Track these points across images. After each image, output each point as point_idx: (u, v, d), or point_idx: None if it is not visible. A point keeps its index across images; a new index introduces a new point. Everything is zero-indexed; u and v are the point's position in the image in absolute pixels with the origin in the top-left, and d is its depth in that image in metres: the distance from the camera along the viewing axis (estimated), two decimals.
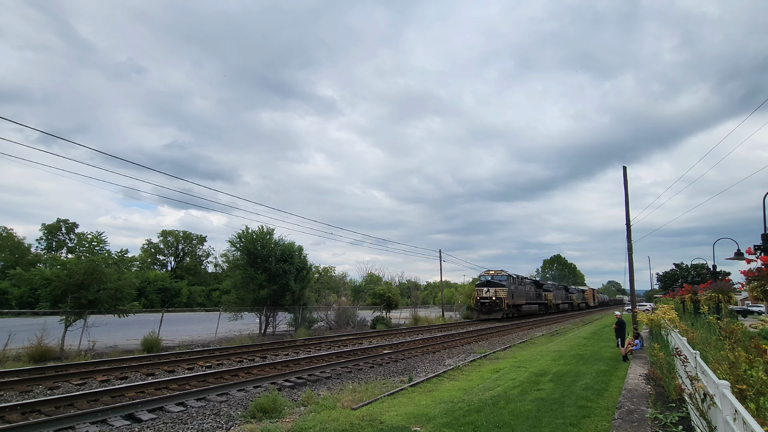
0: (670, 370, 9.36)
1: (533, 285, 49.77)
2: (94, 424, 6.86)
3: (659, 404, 7.82)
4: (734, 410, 3.52)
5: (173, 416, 7.40)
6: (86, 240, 16.80)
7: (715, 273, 23.60)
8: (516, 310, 41.10)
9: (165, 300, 59.64)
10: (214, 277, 74.70)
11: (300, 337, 21.03)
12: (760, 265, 7.76)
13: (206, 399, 8.56)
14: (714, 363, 6.11)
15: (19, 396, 8.56)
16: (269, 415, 7.36)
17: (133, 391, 8.85)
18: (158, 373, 11.11)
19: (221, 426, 7.02)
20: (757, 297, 7.99)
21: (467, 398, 8.53)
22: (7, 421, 6.78)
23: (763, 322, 18.61)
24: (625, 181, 19.44)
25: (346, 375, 11.75)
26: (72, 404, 7.81)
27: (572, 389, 9.49)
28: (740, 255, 14.77)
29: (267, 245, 23.79)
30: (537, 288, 51.35)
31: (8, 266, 48.50)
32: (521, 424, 6.73)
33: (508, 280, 39.39)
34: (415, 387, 9.95)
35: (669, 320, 12.70)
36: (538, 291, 51.04)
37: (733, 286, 16.05)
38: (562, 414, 7.36)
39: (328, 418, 6.97)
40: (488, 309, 37.03)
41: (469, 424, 6.72)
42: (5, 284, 44.08)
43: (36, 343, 13.56)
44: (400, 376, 11.75)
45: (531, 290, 47.27)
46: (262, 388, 9.54)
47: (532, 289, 48.05)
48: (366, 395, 8.85)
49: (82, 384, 9.66)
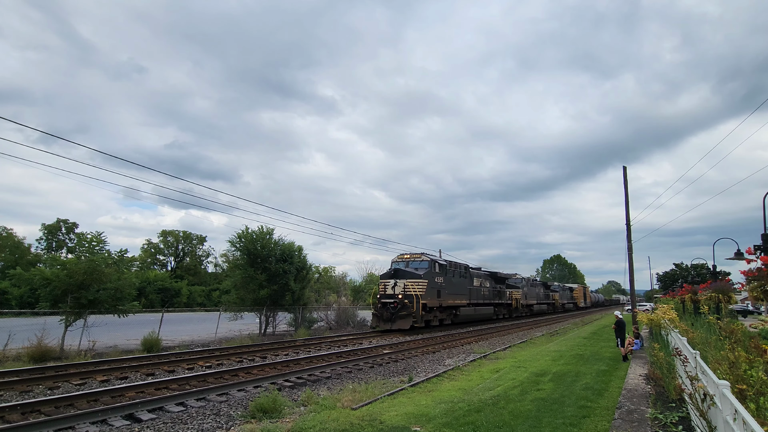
0: (670, 370, 9.37)
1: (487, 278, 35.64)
2: (94, 424, 6.86)
3: (659, 404, 7.82)
4: (734, 410, 3.52)
5: (173, 416, 7.40)
6: (86, 240, 16.80)
7: (715, 273, 23.59)
8: (447, 314, 27.51)
9: (165, 300, 59.61)
10: (214, 277, 74.67)
11: (300, 337, 21.02)
12: (760, 265, 7.76)
13: (206, 399, 8.56)
14: (714, 363, 6.11)
15: (19, 396, 8.56)
16: (269, 415, 7.36)
17: (133, 391, 8.85)
18: (158, 373, 11.10)
19: (221, 426, 7.01)
20: (757, 297, 7.99)
21: (467, 398, 8.53)
22: (7, 421, 6.78)
23: (763, 322, 18.60)
24: (625, 181, 19.44)
25: (346, 375, 11.75)
26: (72, 404, 7.80)
27: (572, 389, 9.49)
28: (740, 255, 14.77)
29: (267, 245, 23.78)
30: (495, 283, 37.04)
31: (8, 266, 48.47)
32: (521, 424, 6.73)
33: (430, 269, 25.23)
34: (415, 387, 9.94)
35: (669, 320, 12.71)
36: (497, 287, 36.73)
37: (733, 286, 16.04)
38: (562, 414, 7.36)
39: (328, 418, 6.97)
40: (390, 315, 23.20)
41: (469, 424, 6.72)
42: (5, 284, 44.07)
43: (36, 343, 13.56)
44: (400, 376, 11.75)
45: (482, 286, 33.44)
46: (262, 388, 9.54)
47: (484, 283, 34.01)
48: (366, 395, 8.84)
49: (82, 384, 9.65)
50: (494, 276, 37.78)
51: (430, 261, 25.89)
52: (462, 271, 30.12)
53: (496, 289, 36.65)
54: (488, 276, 36.33)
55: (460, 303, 28.77)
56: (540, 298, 50.93)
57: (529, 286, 47.50)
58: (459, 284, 29.11)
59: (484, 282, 34.32)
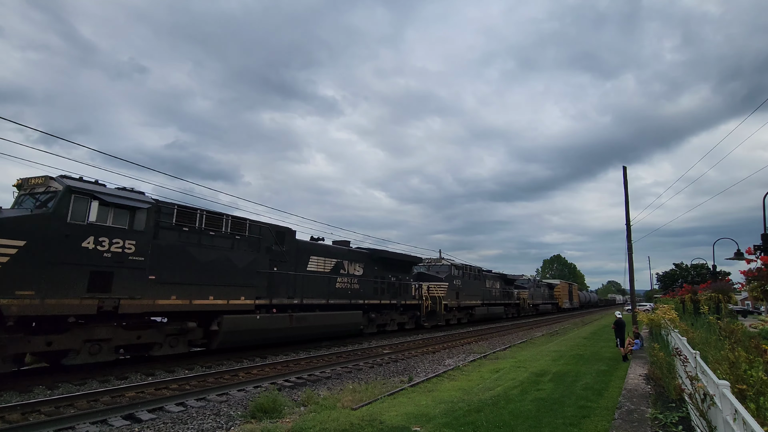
0: (670, 370, 9.36)
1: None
2: (94, 424, 6.85)
3: (659, 404, 7.82)
4: (734, 410, 3.52)
5: (173, 416, 7.40)
6: None
7: (715, 273, 23.61)
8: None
9: None
10: None
11: None
12: (760, 265, 7.77)
13: (206, 399, 8.56)
14: (714, 363, 6.12)
15: (19, 396, 8.55)
16: (269, 415, 7.36)
17: (133, 391, 8.84)
18: (158, 373, 11.10)
19: (221, 426, 7.01)
20: (757, 297, 8.00)
21: (467, 398, 8.53)
22: (7, 421, 6.78)
23: (763, 322, 18.61)
24: (625, 181, 19.45)
25: (346, 375, 11.75)
26: (72, 404, 7.80)
27: (572, 389, 9.49)
28: (740, 255, 14.78)
29: None
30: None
31: None
32: (521, 424, 6.73)
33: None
34: (415, 387, 9.94)
35: (669, 320, 12.72)
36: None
37: (733, 286, 16.06)
38: (562, 414, 7.36)
39: (328, 418, 6.96)
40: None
41: (469, 424, 6.72)
42: None
43: None
44: (400, 376, 11.75)
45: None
46: (262, 388, 9.54)
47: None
48: (366, 395, 8.84)
49: (82, 384, 9.64)
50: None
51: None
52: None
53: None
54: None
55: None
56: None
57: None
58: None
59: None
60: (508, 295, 38.44)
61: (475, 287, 30.88)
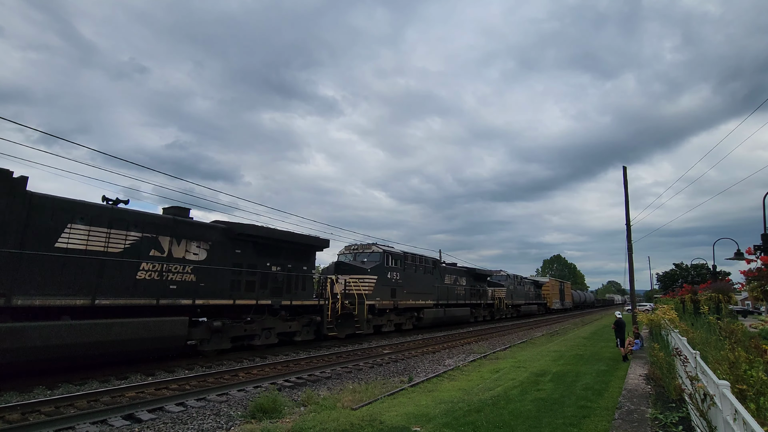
0: (670, 370, 9.37)
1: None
2: (94, 424, 6.85)
3: (659, 404, 7.83)
4: (734, 410, 3.52)
5: (173, 416, 7.40)
6: None
7: (715, 273, 23.61)
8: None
9: None
10: None
11: None
12: (760, 265, 7.78)
13: (206, 399, 8.56)
14: (714, 363, 6.12)
15: (19, 396, 8.56)
16: (269, 415, 7.36)
17: (133, 391, 8.85)
18: (158, 373, 11.10)
19: (221, 426, 7.01)
20: (757, 297, 8.01)
21: (467, 398, 8.53)
22: (7, 421, 6.78)
23: (763, 322, 18.61)
24: (625, 181, 19.46)
25: (346, 375, 11.75)
26: (72, 404, 7.80)
27: (572, 389, 9.49)
28: (740, 255, 14.79)
29: None
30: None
31: None
32: (521, 424, 6.73)
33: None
34: (415, 387, 9.95)
35: (669, 320, 12.72)
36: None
37: (733, 286, 16.06)
38: (562, 414, 7.36)
39: (328, 418, 6.97)
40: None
41: (469, 424, 6.73)
42: None
43: None
44: (400, 376, 11.75)
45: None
46: (262, 388, 9.55)
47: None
48: (366, 395, 8.85)
49: (82, 384, 9.65)
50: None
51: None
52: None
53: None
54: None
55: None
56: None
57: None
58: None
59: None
60: (478, 293, 32.33)
61: (425, 283, 24.45)
